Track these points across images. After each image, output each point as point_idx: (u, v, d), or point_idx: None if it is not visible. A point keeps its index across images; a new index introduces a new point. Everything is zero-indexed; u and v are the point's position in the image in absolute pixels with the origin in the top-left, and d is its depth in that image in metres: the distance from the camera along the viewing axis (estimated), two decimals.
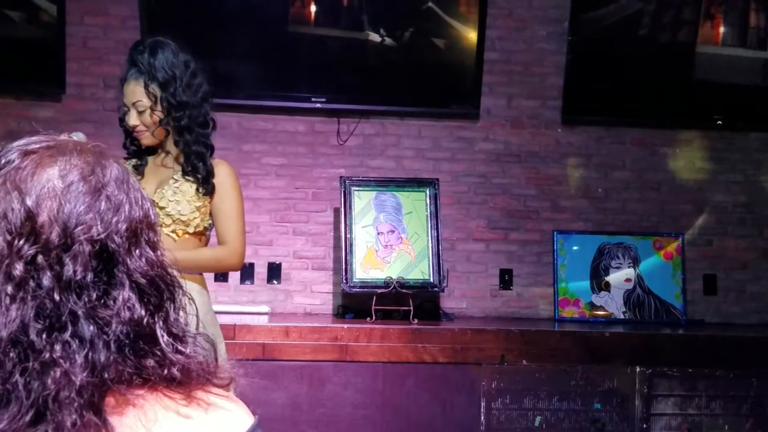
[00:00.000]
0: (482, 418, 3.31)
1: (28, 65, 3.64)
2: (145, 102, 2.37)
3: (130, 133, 2.44)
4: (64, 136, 2.22)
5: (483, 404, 3.31)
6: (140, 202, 0.89)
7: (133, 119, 2.38)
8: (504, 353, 3.33)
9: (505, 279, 4.00)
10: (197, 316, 0.92)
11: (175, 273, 0.90)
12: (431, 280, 3.69)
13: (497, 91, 4.00)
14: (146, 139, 2.41)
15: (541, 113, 4.03)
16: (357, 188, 3.75)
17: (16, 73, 3.64)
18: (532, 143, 4.04)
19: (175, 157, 2.43)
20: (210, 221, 2.44)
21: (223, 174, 2.43)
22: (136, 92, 2.37)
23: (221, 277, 3.79)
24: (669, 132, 4.11)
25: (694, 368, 3.42)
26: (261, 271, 3.85)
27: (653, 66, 3.97)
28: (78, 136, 2.22)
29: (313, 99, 3.79)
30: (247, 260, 3.78)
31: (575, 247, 3.98)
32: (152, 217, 0.90)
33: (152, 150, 2.46)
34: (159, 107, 2.35)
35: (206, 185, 2.40)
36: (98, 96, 3.76)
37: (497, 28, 3.96)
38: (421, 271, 3.70)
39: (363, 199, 3.75)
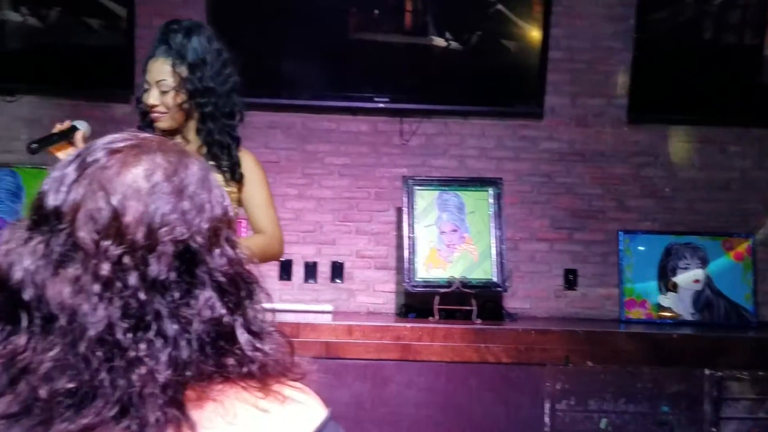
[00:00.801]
0: (546, 419, 3.28)
1: (99, 68, 3.73)
2: (170, 82, 2.26)
3: (147, 115, 2.32)
4: (66, 123, 2.25)
5: (547, 405, 3.28)
6: (220, 200, 0.89)
7: (153, 98, 2.27)
8: (568, 354, 3.30)
9: (570, 279, 3.96)
10: (273, 312, 0.92)
11: (253, 269, 0.90)
12: (494, 279, 3.68)
13: (562, 90, 3.97)
14: (164, 122, 2.30)
15: (607, 111, 3.98)
16: (419, 188, 3.75)
17: (88, 76, 3.74)
18: (598, 142, 3.99)
19: (197, 149, 2.31)
20: (237, 211, 2.36)
21: (250, 164, 2.37)
22: (163, 71, 2.26)
23: (285, 275, 3.84)
24: (738, 130, 4.01)
25: (765, 371, 3.33)
26: (324, 270, 3.89)
27: (720, 65, 3.90)
28: (81, 125, 2.24)
29: (375, 99, 3.82)
30: (310, 259, 3.86)
31: (641, 248, 3.91)
32: (231, 214, 0.91)
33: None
34: (183, 90, 2.26)
35: (233, 174, 2.32)
36: None
37: (562, 26, 3.93)
38: (484, 270, 3.69)
39: (425, 199, 3.75)
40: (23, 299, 0.81)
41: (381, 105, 3.83)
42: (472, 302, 3.54)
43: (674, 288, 3.88)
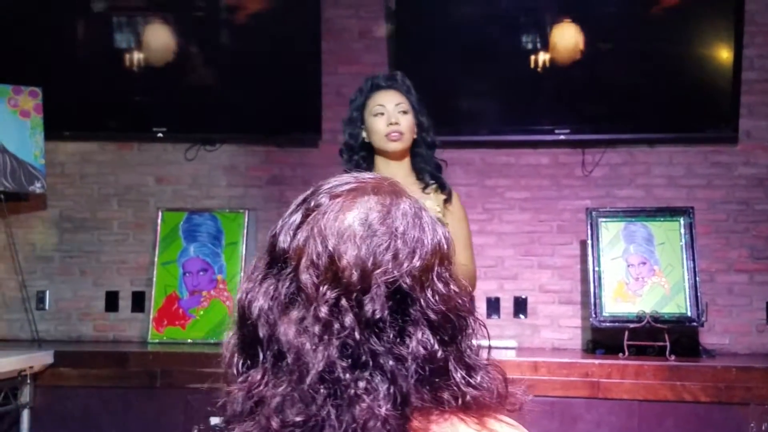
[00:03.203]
0: None
1: (289, 115, 4.08)
2: (407, 106, 2.61)
3: (358, 150, 2.63)
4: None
5: None
6: (431, 236, 0.95)
7: (394, 117, 2.58)
8: None
9: None
10: (489, 346, 1.00)
11: (466, 301, 0.96)
12: (689, 314, 3.64)
13: (758, 112, 3.91)
14: (400, 143, 2.60)
15: None
16: (604, 219, 3.79)
17: (279, 123, 4.10)
18: None
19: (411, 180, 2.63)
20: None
21: (457, 202, 2.68)
22: (398, 97, 2.61)
23: None
24: None
25: None
26: (507, 305, 4.01)
27: None
28: None
29: (556, 131, 3.93)
30: (492, 294, 3.99)
31: None
32: (445, 247, 0.97)
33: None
34: (414, 118, 2.62)
35: (449, 196, 2.64)
36: None
37: (756, 46, 3.88)
38: (677, 304, 3.66)
39: (611, 231, 3.78)
40: (259, 336, 0.92)
41: (562, 137, 3.93)
42: (664, 338, 3.52)
43: None
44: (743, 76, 3.81)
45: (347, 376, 0.87)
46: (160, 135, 4.16)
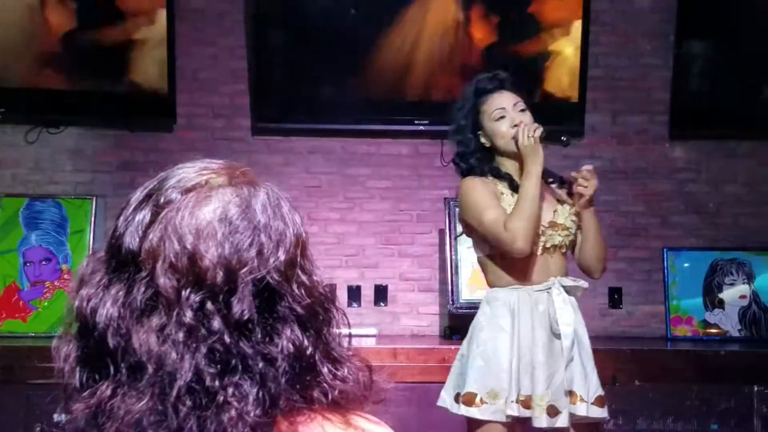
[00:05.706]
0: None
1: (141, 98, 3.95)
2: (523, 104, 2.60)
3: (471, 154, 2.59)
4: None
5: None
6: (292, 226, 0.92)
7: (517, 118, 2.56)
8: (615, 374, 3.45)
9: (614, 298, 4.15)
10: (350, 334, 0.99)
11: (327, 290, 0.94)
12: None
13: (602, 108, 4.17)
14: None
15: (648, 128, 4.20)
16: None
17: (130, 106, 3.96)
18: (639, 159, 4.20)
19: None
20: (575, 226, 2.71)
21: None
22: (512, 97, 2.60)
23: None
24: None
25: None
26: (368, 293, 4.12)
27: (762, 78, 4.04)
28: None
29: (416, 122, 4.02)
30: (353, 283, 4.07)
31: (686, 264, 4.09)
32: (303, 234, 0.93)
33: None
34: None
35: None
36: (207, 125, 4.07)
37: (600, 44, 4.14)
38: None
39: None
40: (108, 346, 0.85)
41: (421, 128, 4.04)
42: None
43: (720, 304, 4.03)
44: (589, 73, 4.08)
45: (216, 383, 0.83)
46: None
